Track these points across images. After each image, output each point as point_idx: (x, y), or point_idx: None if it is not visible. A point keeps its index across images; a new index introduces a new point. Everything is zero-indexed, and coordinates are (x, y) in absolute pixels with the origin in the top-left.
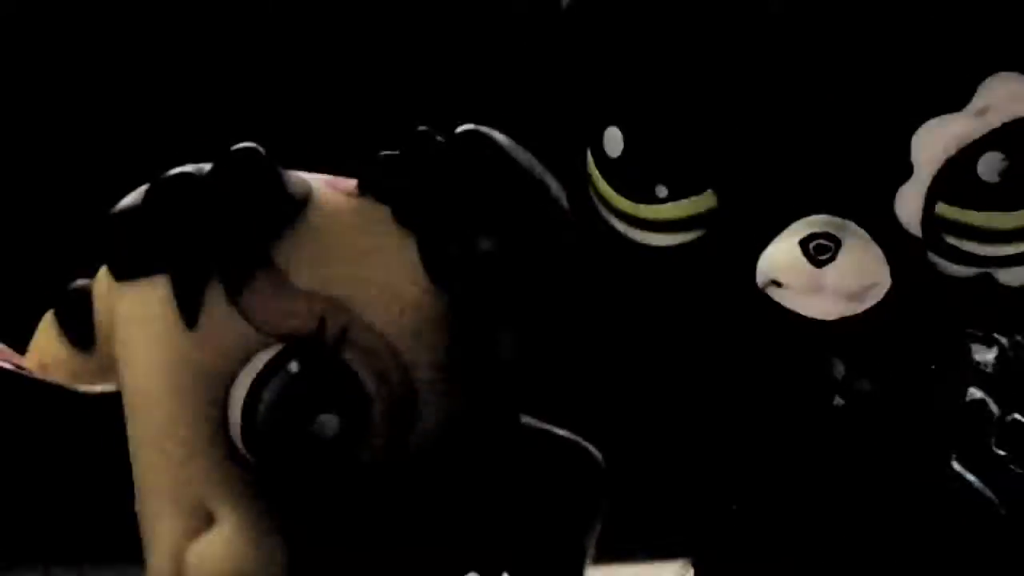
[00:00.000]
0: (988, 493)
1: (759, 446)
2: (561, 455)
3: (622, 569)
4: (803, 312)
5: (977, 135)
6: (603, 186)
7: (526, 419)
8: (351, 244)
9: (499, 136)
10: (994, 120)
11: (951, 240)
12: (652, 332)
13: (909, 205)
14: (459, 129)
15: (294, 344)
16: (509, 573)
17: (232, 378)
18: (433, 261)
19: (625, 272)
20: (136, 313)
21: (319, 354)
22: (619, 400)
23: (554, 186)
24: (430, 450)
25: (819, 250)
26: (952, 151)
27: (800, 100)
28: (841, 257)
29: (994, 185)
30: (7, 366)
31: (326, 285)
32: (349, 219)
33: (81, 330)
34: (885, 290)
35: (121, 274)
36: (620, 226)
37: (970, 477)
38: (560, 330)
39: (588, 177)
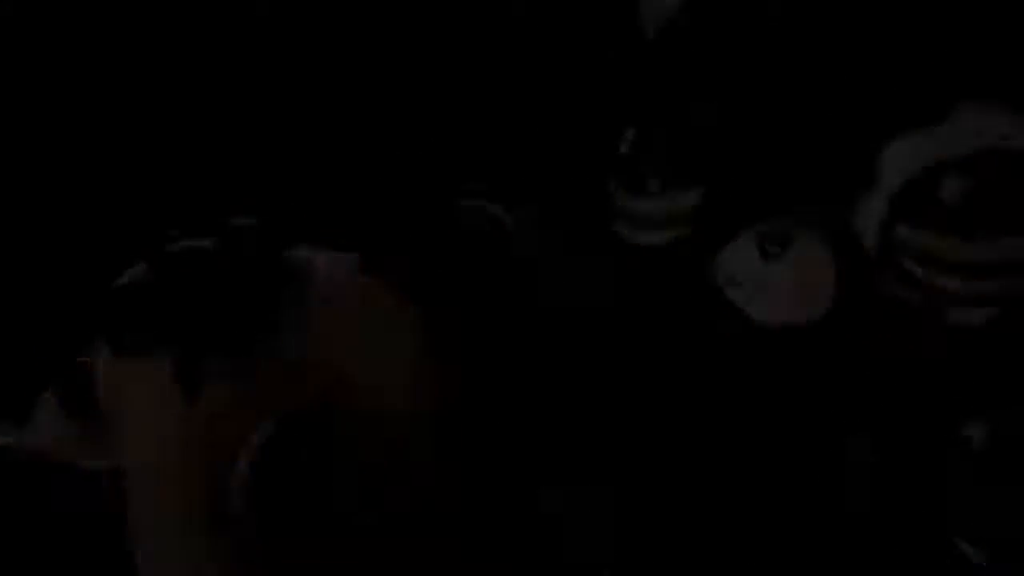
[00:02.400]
0: None
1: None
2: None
3: None
4: (753, 315)
5: (945, 157)
6: (614, 189)
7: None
8: (353, 317)
9: (499, 211)
10: (964, 144)
11: (906, 263)
12: (643, 334)
13: (868, 218)
14: (461, 204)
15: (295, 417)
16: None
17: (233, 450)
18: (437, 334)
19: (625, 277)
20: (138, 387)
21: (320, 427)
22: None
23: (553, 257)
24: (426, 516)
25: (770, 245)
26: (918, 169)
27: (781, 104)
28: (789, 254)
29: (956, 209)
30: (9, 440)
31: (327, 357)
32: (351, 294)
33: (83, 405)
34: (829, 298)
35: (123, 349)
36: (622, 228)
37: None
38: (561, 400)
39: (606, 191)
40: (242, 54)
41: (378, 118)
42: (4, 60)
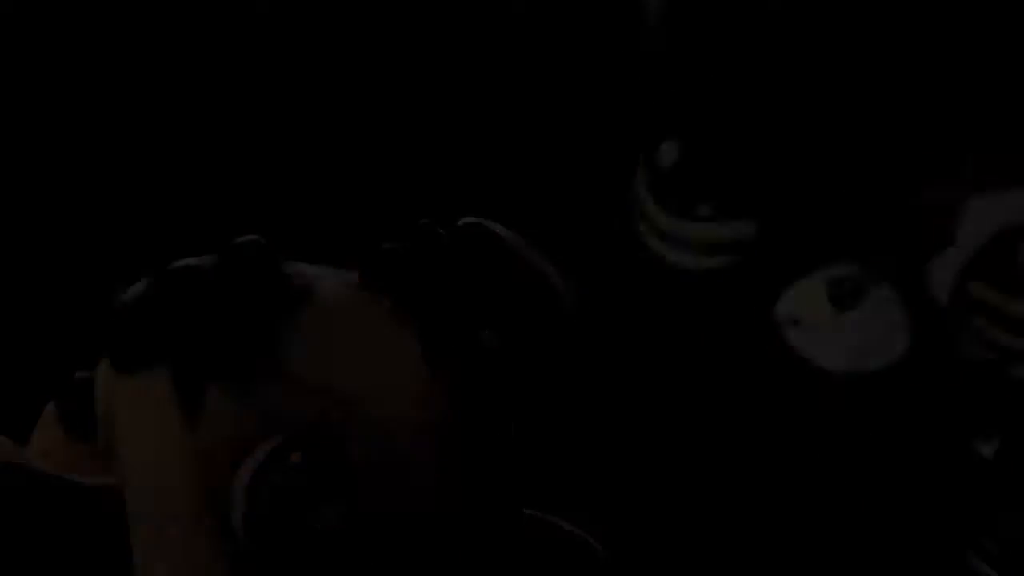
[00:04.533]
0: None
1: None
2: (562, 548)
3: None
4: (814, 358)
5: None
6: (647, 204)
7: (528, 511)
8: (353, 336)
9: (500, 228)
10: None
11: (978, 322)
12: (671, 353)
13: (943, 275)
14: (461, 222)
15: (295, 435)
16: None
17: (233, 469)
18: (434, 353)
19: (654, 296)
20: (137, 404)
21: (320, 445)
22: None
23: (555, 277)
24: (430, 541)
25: (844, 294)
26: (998, 229)
27: (858, 149)
28: (863, 306)
29: None
30: (9, 458)
31: (328, 376)
32: (351, 311)
33: (82, 421)
34: (898, 351)
35: (123, 366)
36: (656, 245)
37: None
38: (560, 417)
39: (633, 198)
40: (244, 70)
41: (379, 137)
42: (5, 73)
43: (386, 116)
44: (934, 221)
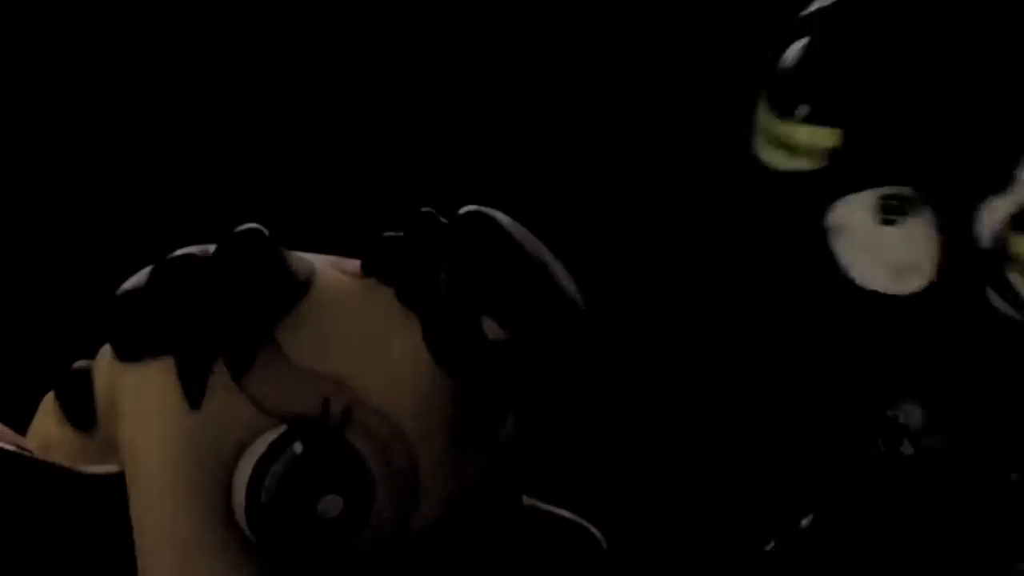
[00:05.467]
0: None
1: (815, 484)
2: (563, 537)
3: None
4: (850, 271)
5: None
6: (763, 112)
7: (528, 500)
8: (355, 325)
9: (502, 217)
10: None
11: (1012, 274)
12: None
13: (991, 219)
14: (462, 210)
15: (298, 425)
16: None
17: (236, 458)
18: (437, 342)
19: (756, 201)
20: (139, 394)
21: (323, 435)
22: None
23: (556, 265)
24: (432, 531)
25: (889, 209)
26: None
27: (944, 81)
28: (903, 225)
29: None
30: (9, 447)
31: (330, 366)
32: (353, 300)
33: (82, 411)
34: (926, 279)
35: (125, 355)
36: (764, 153)
37: None
38: (564, 410)
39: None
40: (244, 61)
41: (380, 126)
42: (5, 65)
43: (387, 104)
44: (996, 164)
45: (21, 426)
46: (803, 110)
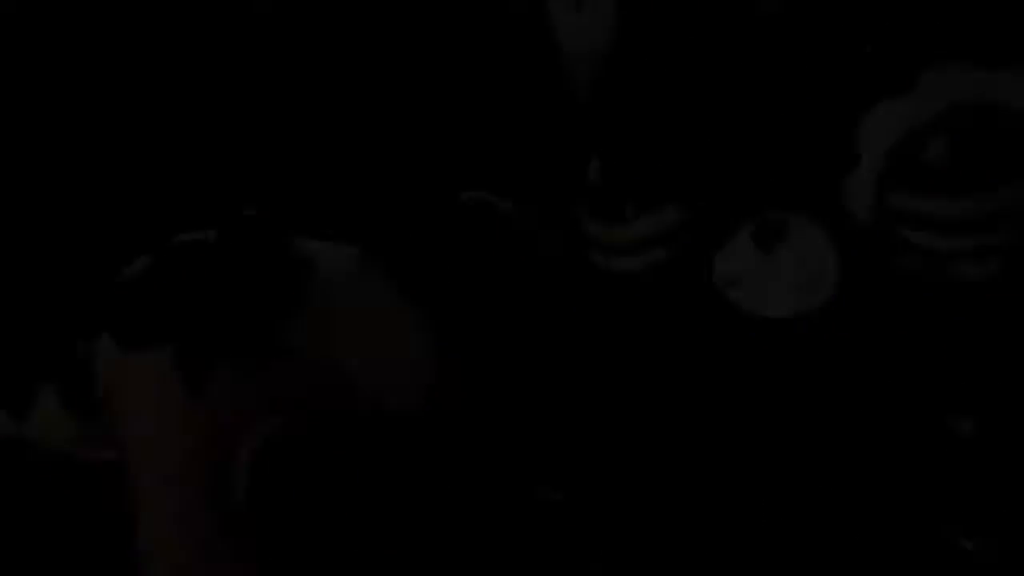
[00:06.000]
0: None
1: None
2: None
3: None
4: (759, 311)
5: (922, 120)
6: (584, 220)
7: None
8: (355, 311)
9: (503, 203)
10: (938, 106)
11: (905, 231)
12: (626, 358)
13: (859, 196)
14: (463, 197)
15: (298, 412)
16: None
17: (236, 446)
18: (439, 329)
19: (602, 304)
20: (140, 381)
21: (323, 422)
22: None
23: (559, 248)
24: (431, 517)
25: (767, 235)
26: (898, 138)
27: (747, 100)
28: (788, 243)
29: (942, 169)
30: (9, 432)
31: (330, 352)
32: (354, 286)
33: (83, 397)
34: (834, 281)
35: (126, 342)
36: (598, 258)
37: None
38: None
39: (575, 220)
40: (245, 46)
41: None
42: (5, 54)
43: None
44: (833, 146)
45: (21, 412)
46: (630, 210)
